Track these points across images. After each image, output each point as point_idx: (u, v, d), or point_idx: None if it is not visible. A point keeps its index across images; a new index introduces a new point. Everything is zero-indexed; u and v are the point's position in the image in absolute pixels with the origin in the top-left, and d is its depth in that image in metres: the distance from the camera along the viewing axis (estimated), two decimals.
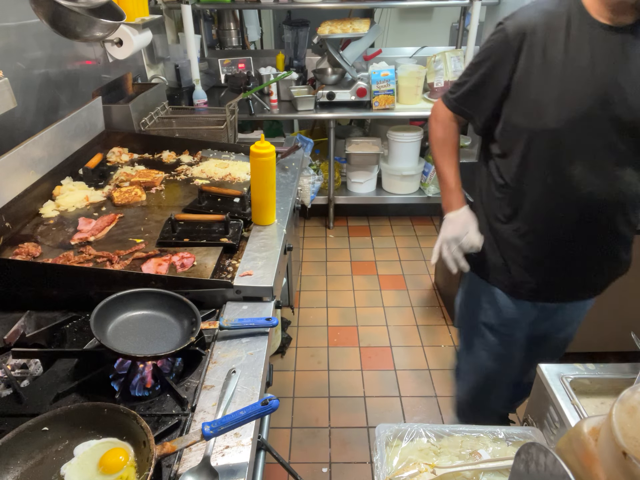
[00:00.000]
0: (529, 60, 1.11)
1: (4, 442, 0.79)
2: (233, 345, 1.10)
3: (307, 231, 3.57)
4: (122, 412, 0.84)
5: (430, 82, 3.21)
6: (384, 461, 0.93)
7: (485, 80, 1.19)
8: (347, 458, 1.93)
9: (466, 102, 1.27)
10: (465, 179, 2.41)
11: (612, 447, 0.63)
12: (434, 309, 2.77)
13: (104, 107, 1.99)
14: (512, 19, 1.14)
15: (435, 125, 1.35)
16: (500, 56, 1.15)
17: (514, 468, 0.75)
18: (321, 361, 2.40)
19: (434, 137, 1.36)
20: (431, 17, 4.86)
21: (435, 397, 2.19)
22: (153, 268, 1.27)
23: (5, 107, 1.01)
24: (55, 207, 1.58)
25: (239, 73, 3.08)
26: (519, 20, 1.12)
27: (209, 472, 0.81)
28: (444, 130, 1.33)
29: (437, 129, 1.34)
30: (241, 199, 1.57)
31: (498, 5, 3.16)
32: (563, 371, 1.05)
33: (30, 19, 1.63)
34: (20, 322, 1.13)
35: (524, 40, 1.10)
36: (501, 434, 0.98)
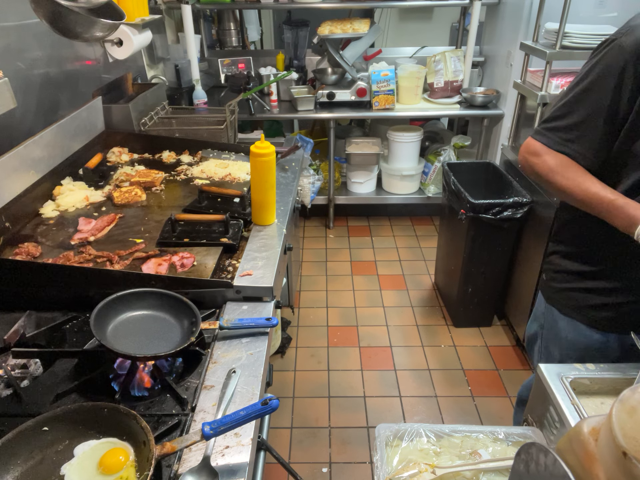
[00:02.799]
0: None
1: (4, 442, 0.79)
2: (233, 345, 1.10)
3: (307, 231, 3.57)
4: (122, 412, 0.84)
5: (430, 82, 3.21)
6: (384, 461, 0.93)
7: (602, 109, 1.00)
8: (347, 458, 1.93)
9: (576, 139, 1.05)
10: (466, 178, 2.43)
11: (612, 447, 0.63)
12: (434, 309, 2.77)
13: (104, 107, 1.99)
14: (630, 34, 0.96)
15: (539, 159, 1.10)
16: (620, 78, 0.97)
17: (514, 468, 0.75)
18: (321, 361, 2.40)
19: (547, 168, 1.09)
20: (431, 17, 4.87)
21: (435, 397, 2.19)
22: (153, 268, 1.27)
23: (5, 107, 1.01)
24: (55, 207, 1.58)
25: (239, 73, 3.08)
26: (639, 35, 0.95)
27: (209, 472, 0.81)
28: (555, 157, 1.08)
29: (547, 160, 1.09)
30: (241, 199, 1.57)
31: (498, 5, 3.16)
32: (563, 371, 1.05)
33: (30, 19, 1.63)
34: (20, 322, 1.13)
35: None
36: (501, 434, 0.98)
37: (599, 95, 1.00)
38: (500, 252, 2.35)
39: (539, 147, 1.10)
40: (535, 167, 1.11)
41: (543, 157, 1.09)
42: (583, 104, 1.03)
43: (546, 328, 1.31)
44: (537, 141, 1.10)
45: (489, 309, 2.59)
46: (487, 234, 2.29)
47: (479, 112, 3.13)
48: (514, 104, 2.82)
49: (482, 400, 2.17)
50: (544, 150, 1.09)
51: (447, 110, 3.21)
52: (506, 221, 2.21)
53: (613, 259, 1.13)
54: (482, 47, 3.52)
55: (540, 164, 1.10)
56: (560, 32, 2.17)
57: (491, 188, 2.53)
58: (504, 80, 3.10)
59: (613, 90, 0.98)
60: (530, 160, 1.12)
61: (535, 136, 1.11)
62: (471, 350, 2.46)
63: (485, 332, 2.58)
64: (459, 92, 3.19)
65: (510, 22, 2.99)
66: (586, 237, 1.17)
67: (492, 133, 3.28)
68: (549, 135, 1.08)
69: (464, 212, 2.26)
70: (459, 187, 2.33)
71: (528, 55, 2.49)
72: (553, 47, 2.22)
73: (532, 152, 1.11)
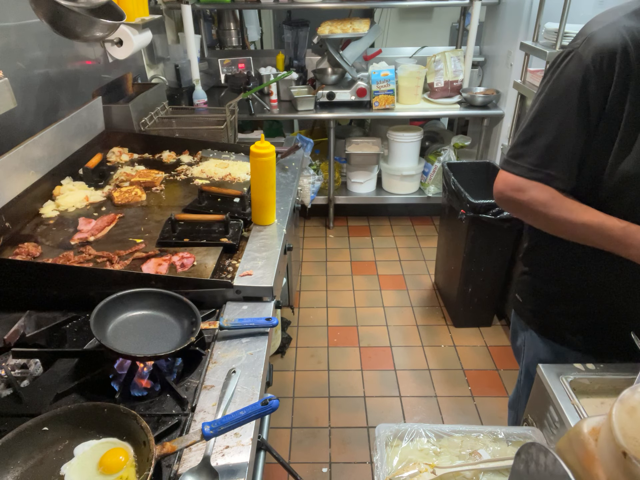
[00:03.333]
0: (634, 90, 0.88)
1: (4, 442, 0.79)
2: (233, 345, 1.10)
3: (307, 231, 3.57)
4: (122, 412, 0.84)
5: (430, 82, 3.21)
6: (384, 461, 0.93)
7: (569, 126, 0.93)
8: (347, 458, 1.93)
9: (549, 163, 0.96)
10: (466, 178, 2.43)
11: (612, 447, 0.63)
12: (434, 309, 2.77)
13: (104, 107, 1.99)
14: (588, 43, 0.90)
15: (524, 195, 0.99)
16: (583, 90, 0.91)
17: (514, 468, 0.75)
18: (321, 361, 2.40)
19: (537, 204, 0.98)
20: (431, 17, 4.87)
21: (435, 397, 2.19)
22: (153, 268, 1.27)
23: (5, 107, 1.01)
24: (55, 207, 1.58)
25: (239, 73, 3.09)
26: (601, 43, 0.89)
27: (209, 472, 0.81)
28: (543, 190, 0.97)
29: (534, 195, 0.98)
30: (241, 199, 1.57)
31: (498, 5, 3.16)
32: (563, 371, 1.05)
33: (30, 19, 1.63)
34: (20, 322, 1.13)
35: (614, 65, 0.88)
36: (501, 434, 0.98)
37: (566, 110, 0.93)
38: (500, 252, 2.35)
39: (520, 181, 0.99)
40: (524, 205, 1.00)
41: (529, 192, 0.98)
42: (549, 124, 0.95)
43: (527, 346, 1.28)
44: (515, 175, 0.99)
45: (489, 309, 2.59)
46: (487, 234, 2.29)
47: (479, 112, 3.13)
48: (514, 104, 2.82)
49: (482, 400, 2.17)
50: (527, 185, 0.98)
51: (447, 110, 3.21)
52: (506, 221, 2.21)
53: (584, 281, 1.10)
54: (482, 47, 3.52)
55: (528, 201, 0.99)
56: (560, 32, 2.17)
57: (491, 188, 2.51)
58: (504, 80, 3.10)
59: (578, 104, 0.91)
60: (516, 197, 1.00)
61: (507, 168, 1.01)
62: (471, 350, 2.46)
63: (485, 332, 2.58)
64: (459, 92, 3.19)
65: (510, 22, 2.99)
66: (556, 261, 1.13)
67: (492, 133, 3.28)
68: (520, 163, 0.98)
69: (464, 212, 2.26)
70: (459, 187, 2.33)
71: (528, 55, 2.49)
72: (553, 47, 2.22)
73: (515, 188, 1.00)
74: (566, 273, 1.13)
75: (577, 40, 0.93)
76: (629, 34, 0.88)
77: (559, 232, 1.03)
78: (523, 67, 2.56)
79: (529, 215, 1.04)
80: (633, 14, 0.90)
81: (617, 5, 0.95)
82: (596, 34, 0.90)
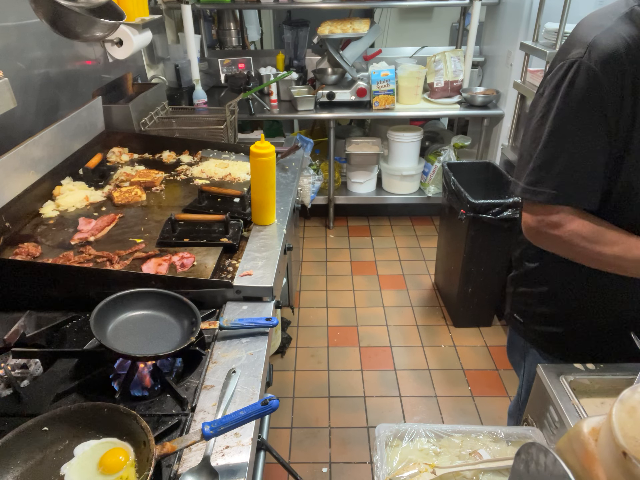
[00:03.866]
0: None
1: (4, 442, 0.79)
2: (233, 345, 1.10)
3: (307, 231, 3.57)
4: (122, 412, 0.84)
5: (430, 82, 3.21)
6: (384, 461, 0.93)
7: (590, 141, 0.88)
8: (347, 458, 1.93)
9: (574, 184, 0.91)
10: (466, 178, 2.43)
11: (612, 447, 0.63)
12: (434, 309, 2.77)
13: (104, 107, 1.99)
14: (593, 51, 0.86)
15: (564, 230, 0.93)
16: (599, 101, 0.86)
17: (514, 468, 0.75)
18: (321, 361, 2.40)
19: (579, 238, 0.92)
20: (431, 17, 4.87)
21: (435, 397, 2.19)
22: (153, 268, 1.27)
23: (5, 107, 1.01)
24: (55, 207, 1.58)
25: (239, 73, 3.08)
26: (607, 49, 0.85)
27: (209, 472, 0.81)
28: (583, 223, 0.92)
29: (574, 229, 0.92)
30: (241, 199, 1.57)
31: (498, 5, 3.16)
32: (563, 371, 1.05)
33: (30, 19, 1.63)
34: (20, 322, 1.13)
35: (623, 70, 0.85)
36: (501, 434, 0.98)
37: (584, 126, 0.88)
38: (500, 252, 2.35)
39: (551, 212, 0.92)
40: (563, 240, 0.94)
41: (567, 226, 0.92)
42: (567, 142, 0.89)
43: (528, 363, 1.26)
44: (541, 205, 0.93)
45: (489, 309, 2.59)
46: (487, 234, 2.29)
47: (479, 112, 3.13)
48: (514, 104, 2.82)
49: (482, 400, 2.17)
50: (565, 218, 0.92)
51: (447, 110, 3.21)
52: (506, 221, 2.21)
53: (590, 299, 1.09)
54: (482, 47, 3.52)
55: (569, 236, 0.92)
56: (560, 32, 2.17)
57: (491, 188, 2.53)
58: (504, 80, 3.10)
59: (598, 117, 0.87)
60: (553, 233, 0.94)
61: (530, 198, 0.94)
62: (471, 350, 2.46)
63: (485, 332, 2.58)
64: (459, 92, 3.19)
65: (510, 22, 2.99)
66: (563, 280, 1.11)
67: (492, 133, 3.28)
68: (542, 189, 0.92)
69: (464, 212, 2.26)
70: (459, 187, 2.33)
71: (528, 55, 2.49)
72: (553, 47, 2.22)
73: (552, 224, 0.93)
74: (573, 292, 1.10)
75: (578, 50, 0.88)
76: (629, 37, 0.85)
77: (609, 267, 0.96)
78: (523, 67, 2.56)
79: (569, 251, 0.97)
80: (625, 17, 0.88)
81: (603, 10, 0.93)
82: (598, 41, 0.86)
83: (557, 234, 0.94)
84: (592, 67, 0.85)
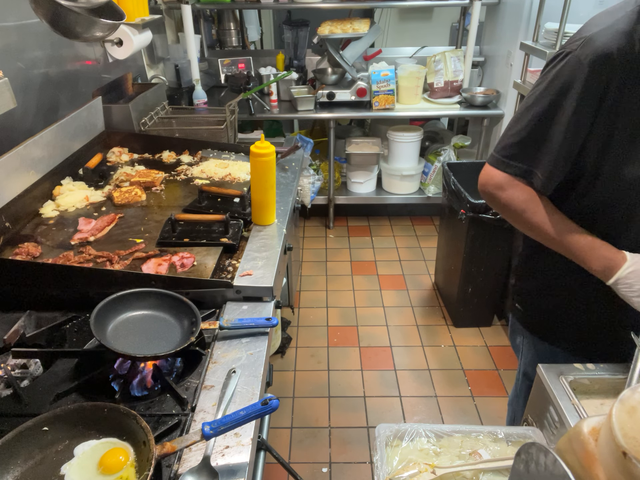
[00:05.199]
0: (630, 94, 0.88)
1: (4, 442, 0.79)
2: (233, 345, 1.10)
3: (307, 231, 3.57)
4: (122, 412, 0.84)
5: (430, 82, 3.21)
6: (384, 461, 0.93)
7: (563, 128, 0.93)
8: (347, 458, 1.93)
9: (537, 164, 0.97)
10: (466, 178, 2.43)
11: (612, 447, 0.63)
12: (434, 309, 2.77)
13: (104, 107, 1.99)
14: (587, 46, 0.89)
15: (505, 193, 1.01)
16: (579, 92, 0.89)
17: (514, 468, 0.75)
18: (321, 361, 2.40)
19: (516, 204, 1.01)
20: (431, 17, 4.86)
21: (435, 397, 2.19)
22: (153, 268, 1.27)
23: (5, 107, 1.01)
24: (55, 207, 1.58)
25: (239, 73, 3.08)
26: (599, 46, 0.88)
27: (209, 472, 0.81)
28: (523, 191, 1.00)
29: (513, 195, 1.01)
30: (241, 199, 1.57)
31: (498, 5, 3.16)
32: (563, 371, 1.05)
33: (30, 19, 1.63)
34: (20, 322, 1.13)
35: (614, 68, 0.87)
36: (501, 434, 0.98)
37: (560, 112, 0.92)
38: (500, 252, 2.35)
39: (502, 178, 1.00)
40: (502, 203, 1.02)
41: (508, 191, 1.00)
42: (542, 126, 0.94)
43: (525, 347, 1.29)
44: (499, 171, 1.00)
45: (489, 309, 2.59)
46: (487, 234, 2.29)
47: (479, 112, 3.13)
48: (514, 104, 2.82)
49: (482, 400, 2.17)
50: (509, 182, 1.00)
51: (447, 110, 3.21)
52: (506, 221, 2.21)
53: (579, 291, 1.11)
54: (482, 47, 3.53)
55: (507, 199, 1.01)
56: (560, 32, 2.17)
57: None
58: (504, 80, 3.10)
59: (574, 106, 0.90)
60: (496, 194, 1.02)
61: (494, 164, 1.01)
62: (471, 350, 2.46)
63: (485, 332, 2.58)
64: (459, 92, 3.19)
65: (510, 22, 2.99)
66: (551, 269, 1.14)
67: (492, 133, 3.28)
68: (508, 162, 0.99)
69: (464, 212, 2.26)
70: (459, 187, 2.33)
71: (528, 55, 2.49)
72: (553, 47, 2.22)
73: (497, 185, 1.01)
74: (568, 279, 1.12)
75: (576, 42, 0.91)
76: (626, 37, 0.87)
77: (536, 236, 1.05)
78: (523, 67, 2.56)
79: (509, 215, 1.05)
80: (631, 14, 0.89)
81: (615, 6, 0.95)
82: (593, 37, 0.89)
83: (499, 196, 1.02)
84: (581, 60, 0.88)
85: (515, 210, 1.02)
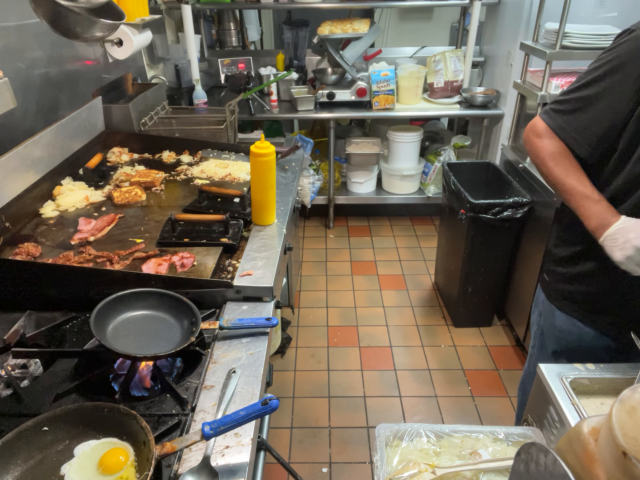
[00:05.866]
0: None
1: (4, 442, 0.79)
2: (233, 345, 1.10)
3: (307, 231, 3.57)
4: (122, 412, 0.84)
5: (430, 82, 3.21)
6: (384, 461, 0.93)
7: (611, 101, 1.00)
8: (347, 458, 1.93)
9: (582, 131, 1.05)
10: (466, 178, 2.43)
11: (612, 447, 0.63)
12: (434, 309, 2.77)
13: (104, 107, 1.99)
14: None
15: (540, 141, 1.11)
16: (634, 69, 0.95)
17: (514, 468, 0.75)
18: (321, 361, 2.40)
19: (545, 152, 1.10)
20: (431, 17, 4.86)
21: (435, 397, 2.19)
22: (153, 268, 1.27)
23: (5, 107, 1.01)
24: (55, 207, 1.58)
25: (239, 73, 3.08)
26: None
27: (209, 472, 0.81)
28: (557, 144, 1.09)
29: (546, 145, 1.10)
30: (241, 199, 1.57)
31: (498, 5, 3.16)
32: (563, 371, 1.05)
33: (30, 19, 1.63)
34: (20, 322, 1.13)
35: None
36: (501, 434, 0.98)
37: (612, 86, 0.98)
38: (500, 252, 2.35)
39: (543, 128, 1.10)
40: (535, 149, 1.12)
41: (544, 140, 1.10)
42: (595, 94, 1.01)
43: (544, 315, 1.34)
44: (543, 121, 1.10)
45: (489, 309, 2.59)
46: (487, 234, 2.29)
47: (479, 112, 3.13)
48: (514, 104, 2.81)
49: (482, 400, 2.17)
50: (547, 133, 1.09)
51: (447, 110, 3.21)
52: (506, 221, 2.21)
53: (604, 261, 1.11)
54: (482, 47, 3.52)
55: (539, 147, 1.11)
56: (560, 32, 2.17)
57: (491, 188, 2.53)
58: (504, 80, 3.10)
59: (631, 83, 0.96)
60: (533, 140, 1.12)
61: (542, 115, 1.11)
62: (471, 350, 2.46)
63: (485, 332, 2.58)
64: (459, 92, 3.19)
65: (510, 22, 2.99)
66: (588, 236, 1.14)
67: (492, 133, 3.28)
68: (555, 117, 1.08)
69: (464, 212, 2.26)
70: (459, 187, 2.33)
71: (528, 55, 2.49)
72: (553, 47, 2.22)
73: (536, 132, 1.11)
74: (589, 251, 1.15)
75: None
76: None
77: (553, 187, 1.13)
78: (523, 67, 2.55)
79: (537, 162, 1.13)
80: None
81: None
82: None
83: (535, 142, 1.12)
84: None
85: (543, 158, 1.10)
